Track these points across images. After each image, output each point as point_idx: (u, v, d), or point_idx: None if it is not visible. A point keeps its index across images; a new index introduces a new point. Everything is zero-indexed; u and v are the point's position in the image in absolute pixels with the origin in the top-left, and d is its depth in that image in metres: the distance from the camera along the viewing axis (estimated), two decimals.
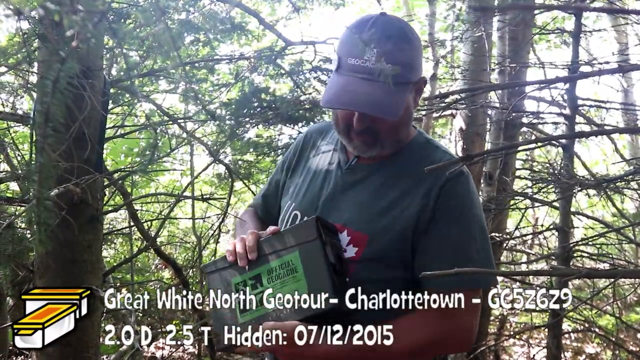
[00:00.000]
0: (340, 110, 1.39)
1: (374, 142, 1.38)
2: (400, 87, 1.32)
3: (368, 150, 1.40)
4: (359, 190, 1.41)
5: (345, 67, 1.33)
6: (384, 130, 1.37)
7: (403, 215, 1.34)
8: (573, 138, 2.49)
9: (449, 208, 1.34)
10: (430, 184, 1.35)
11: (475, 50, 3.83)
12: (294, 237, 1.27)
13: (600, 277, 1.89)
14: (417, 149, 1.44)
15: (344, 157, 1.49)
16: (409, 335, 1.28)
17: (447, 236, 1.34)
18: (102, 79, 2.58)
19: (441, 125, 6.88)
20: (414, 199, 1.35)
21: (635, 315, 5.60)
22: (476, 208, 1.39)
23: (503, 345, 5.03)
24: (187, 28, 3.33)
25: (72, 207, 2.47)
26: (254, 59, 3.64)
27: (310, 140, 1.62)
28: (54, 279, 2.60)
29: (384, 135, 1.38)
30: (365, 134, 1.37)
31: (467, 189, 1.38)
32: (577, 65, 2.70)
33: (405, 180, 1.38)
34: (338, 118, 1.40)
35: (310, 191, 1.49)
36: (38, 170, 0.77)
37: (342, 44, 1.36)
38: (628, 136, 6.75)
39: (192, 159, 4.68)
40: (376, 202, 1.38)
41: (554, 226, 3.00)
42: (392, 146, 1.41)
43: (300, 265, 1.25)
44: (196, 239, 4.74)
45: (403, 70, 1.30)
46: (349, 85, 1.31)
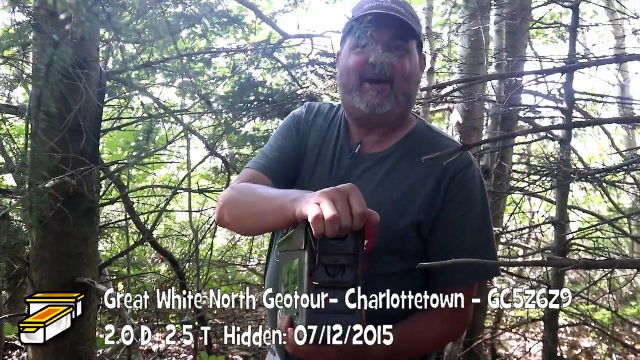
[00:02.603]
0: (351, 59, 1.37)
1: (389, 93, 1.35)
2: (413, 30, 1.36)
3: (383, 103, 1.36)
4: (367, 181, 1.38)
5: (363, 10, 1.35)
6: (399, 77, 1.35)
7: (414, 207, 1.33)
8: (570, 128, 2.49)
9: (461, 199, 1.34)
10: (440, 175, 1.34)
11: (473, 44, 3.82)
12: (295, 241, 1.15)
13: (598, 268, 1.89)
14: (421, 137, 1.42)
15: (347, 144, 1.45)
16: (430, 334, 1.29)
17: (461, 227, 1.33)
18: (98, 71, 2.56)
19: (438, 119, 6.89)
20: (424, 189, 1.34)
21: (630, 310, 5.62)
22: (485, 198, 1.39)
23: (499, 339, 5.04)
24: (183, 21, 3.32)
25: (68, 199, 2.46)
26: (251, 51, 3.63)
27: (310, 117, 1.55)
28: (49, 272, 2.59)
29: (399, 84, 1.35)
30: (380, 82, 1.35)
31: (477, 179, 1.38)
32: (574, 59, 2.70)
33: (413, 170, 1.36)
34: (350, 70, 1.37)
35: (317, 179, 1.44)
36: (31, 154, 0.77)
37: (356, 7, 1.40)
38: (624, 131, 6.76)
39: (189, 152, 4.66)
40: (385, 193, 1.35)
41: (550, 220, 3.01)
42: (404, 102, 1.38)
43: (298, 275, 1.10)
44: (193, 233, 4.73)
45: (413, 20, 1.36)
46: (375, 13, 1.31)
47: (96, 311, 2.93)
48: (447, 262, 1.11)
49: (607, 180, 2.74)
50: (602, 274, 3.25)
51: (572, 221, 3.96)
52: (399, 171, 1.37)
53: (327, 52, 3.57)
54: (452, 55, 5.19)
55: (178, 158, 4.85)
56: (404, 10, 1.34)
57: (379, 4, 1.34)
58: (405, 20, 1.33)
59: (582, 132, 5.43)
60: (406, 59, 1.35)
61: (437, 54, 5.44)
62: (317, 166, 1.46)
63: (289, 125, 1.54)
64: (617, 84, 5.17)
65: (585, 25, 3.98)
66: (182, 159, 4.90)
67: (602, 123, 2.97)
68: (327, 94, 3.82)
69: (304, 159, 1.48)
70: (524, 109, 3.70)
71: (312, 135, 1.51)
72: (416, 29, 1.37)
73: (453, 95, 3.95)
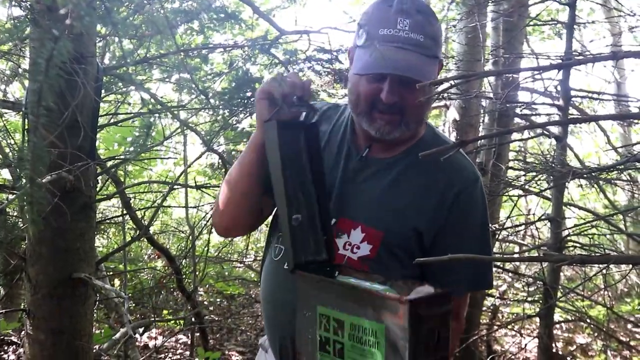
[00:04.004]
0: (363, 87, 1.33)
1: (399, 122, 1.33)
2: (431, 59, 1.30)
3: (392, 131, 1.34)
4: (372, 186, 1.38)
5: (378, 38, 1.28)
6: (410, 107, 1.31)
7: (416, 215, 1.33)
8: (566, 124, 2.50)
9: (465, 215, 1.35)
10: (445, 187, 1.34)
11: (469, 40, 3.83)
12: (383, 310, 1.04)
13: (593, 263, 1.90)
14: (429, 146, 1.38)
15: (354, 146, 1.43)
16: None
17: (462, 242, 1.35)
18: (95, 66, 2.56)
19: (435, 116, 6.89)
20: (428, 199, 1.34)
21: (625, 306, 5.65)
22: (486, 213, 1.41)
23: (495, 336, 5.06)
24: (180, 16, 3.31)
25: (64, 195, 2.45)
26: (248, 47, 3.62)
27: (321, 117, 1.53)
28: (46, 267, 2.58)
29: (409, 114, 1.33)
30: (391, 112, 1.32)
31: (481, 196, 1.39)
32: (570, 56, 2.71)
33: (418, 180, 1.36)
34: (360, 96, 1.34)
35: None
36: (31, 150, 0.77)
37: (371, 16, 1.32)
38: (620, 128, 6.78)
39: (186, 148, 4.66)
40: (390, 199, 1.35)
41: (546, 216, 3.01)
42: (414, 128, 1.38)
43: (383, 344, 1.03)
44: (189, 229, 4.73)
45: (432, 43, 1.29)
46: (386, 54, 1.25)
47: (93, 307, 2.92)
48: (444, 258, 1.12)
49: (602, 177, 2.75)
50: (598, 270, 3.26)
51: (568, 218, 3.97)
52: (405, 179, 1.37)
53: (325, 48, 3.57)
54: (448, 52, 5.19)
55: (175, 154, 4.85)
56: (422, 39, 1.27)
57: (394, 35, 1.27)
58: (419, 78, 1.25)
59: (579, 129, 5.44)
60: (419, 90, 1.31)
61: None
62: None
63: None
64: (613, 81, 5.19)
65: (581, 23, 3.99)
66: (178, 154, 4.90)
67: (598, 119, 2.98)
68: (324, 90, 3.83)
69: None
70: (520, 105, 3.71)
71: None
72: (437, 54, 1.32)
73: (450, 92, 3.96)
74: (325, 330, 1.13)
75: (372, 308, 1.05)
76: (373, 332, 1.04)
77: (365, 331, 1.06)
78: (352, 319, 1.08)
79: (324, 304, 1.13)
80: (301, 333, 1.18)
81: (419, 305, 1.02)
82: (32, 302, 2.62)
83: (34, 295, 2.60)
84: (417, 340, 1.01)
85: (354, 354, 1.08)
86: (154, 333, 4.85)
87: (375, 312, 1.04)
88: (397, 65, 1.25)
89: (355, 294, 1.09)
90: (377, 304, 1.05)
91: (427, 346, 1.03)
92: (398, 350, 1.01)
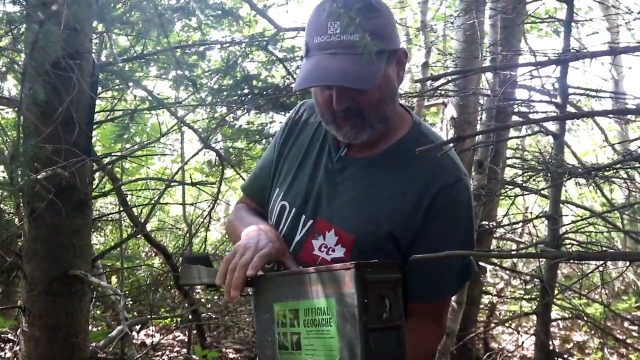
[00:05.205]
0: (319, 97, 1.30)
1: (362, 124, 1.29)
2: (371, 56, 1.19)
3: (359, 135, 1.31)
4: (348, 187, 1.35)
5: (313, 48, 1.25)
6: (366, 107, 1.28)
7: (391, 217, 1.29)
8: (564, 120, 2.49)
9: (444, 217, 1.29)
10: (423, 188, 1.28)
11: (467, 37, 3.82)
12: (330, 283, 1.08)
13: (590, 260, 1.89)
14: (412, 145, 1.29)
15: (334, 144, 1.41)
16: (412, 352, 1.16)
17: (442, 245, 1.20)
18: (91, 62, 2.54)
19: (433, 113, 6.89)
20: (404, 201, 1.29)
21: (622, 304, 5.66)
22: (470, 216, 1.35)
23: (492, 333, 5.06)
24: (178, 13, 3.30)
25: (60, 191, 2.44)
26: (245, 44, 3.61)
27: (302, 115, 1.51)
28: (41, 264, 2.58)
29: (369, 113, 1.28)
30: (350, 117, 1.29)
31: (464, 197, 1.32)
32: (568, 53, 2.70)
33: (397, 180, 1.32)
34: (321, 107, 1.31)
35: (298, 181, 1.42)
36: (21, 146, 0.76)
37: (308, 27, 1.29)
38: (617, 126, 6.78)
39: (183, 145, 4.65)
40: (365, 200, 1.32)
41: (543, 214, 3.01)
42: (381, 125, 1.32)
43: (334, 319, 1.06)
44: (186, 226, 4.72)
45: (372, 38, 1.20)
46: (319, 63, 1.22)
47: (89, 304, 2.91)
48: (441, 254, 1.09)
49: (599, 175, 2.74)
50: (595, 267, 3.26)
51: (565, 215, 3.97)
52: (383, 179, 1.33)
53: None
54: (446, 49, 5.19)
55: (172, 151, 4.84)
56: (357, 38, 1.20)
57: (326, 42, 1.22)
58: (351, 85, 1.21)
59: (576, 126, 5.44)
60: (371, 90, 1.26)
61: (431, 47, 5.44)
62: (303, 164, 1.44)
63: (277, 133, 1.56)
64: (611, 78, 5.19)
65: (579, 20, 3.99)
66: (175, 151, 4.89)
67: (595, 115, 2.98)
68: None
69: (286, 161, 1.48)
70: (518, 102, 3.70)
71: (302, 134, 1.49)
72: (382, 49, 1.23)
73: (447, 89, 3.95)
74: (282, 326, 1.16)
75: (321, 286, 1.08)
76: (324, 310, 1.07)
77: (318, 311, 1.09)
78: (305, 304, 1.11)
79: (279, 299, 1.16)
80: (262, 338, 1.21)
81: (364, 270, 1.04)
82: (27, 299, 2.61)
83: (30, 292, 2.59)
84: (367, 306, 1.03)
85: (310, 339, 1.10)
86: (151, 330, 4.84)
87: (325, 288, 1.08)
88: (328, 75, 1.22)
89: (304, 277, 1.12)
90: (325, 280, 1.08)
91: (377, 313, 1.04)
92: (348, 318, 1.04)
